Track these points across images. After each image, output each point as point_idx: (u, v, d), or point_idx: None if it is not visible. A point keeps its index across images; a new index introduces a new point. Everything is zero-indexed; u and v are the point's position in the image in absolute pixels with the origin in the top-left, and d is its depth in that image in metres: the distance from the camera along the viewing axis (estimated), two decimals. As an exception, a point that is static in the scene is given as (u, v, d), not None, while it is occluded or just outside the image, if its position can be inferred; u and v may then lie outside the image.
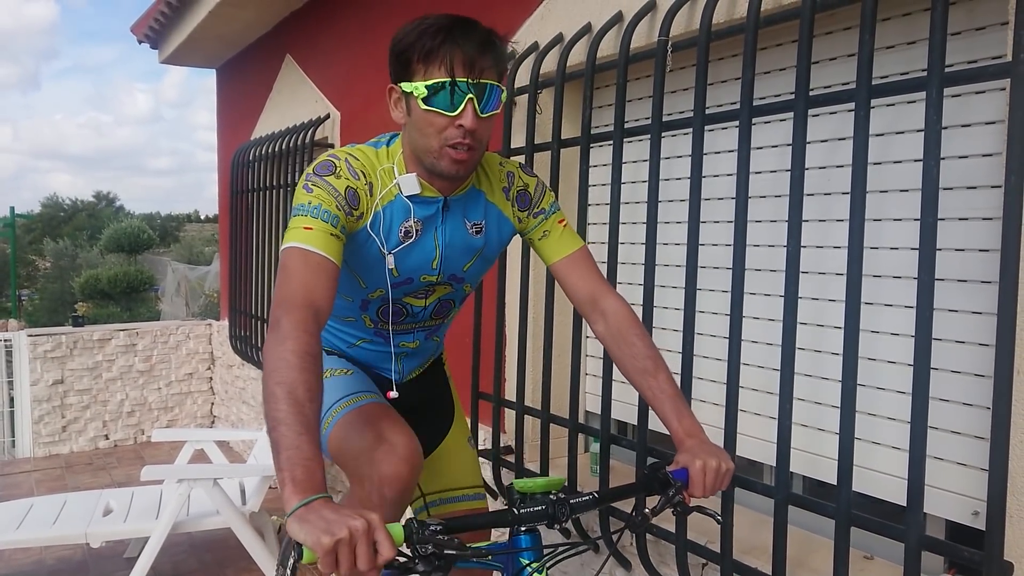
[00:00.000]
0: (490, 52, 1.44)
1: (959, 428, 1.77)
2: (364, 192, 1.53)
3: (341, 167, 1.51)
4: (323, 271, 1.38)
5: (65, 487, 5.22)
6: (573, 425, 2.47)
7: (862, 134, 1.66)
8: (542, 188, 1.74)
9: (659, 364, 1.55)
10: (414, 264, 1.63)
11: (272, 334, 1.27)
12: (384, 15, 3.94)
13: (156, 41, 6.25)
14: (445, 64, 1.41)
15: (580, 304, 1.68)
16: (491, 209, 1.69)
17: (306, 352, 1.24)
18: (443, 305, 1.77)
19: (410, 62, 1.44)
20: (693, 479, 1.37)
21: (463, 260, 1.68)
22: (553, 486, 1.29)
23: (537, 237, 1.72)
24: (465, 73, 1.41)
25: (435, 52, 1.41)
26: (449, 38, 1.40)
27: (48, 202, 35.02)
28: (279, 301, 1.33)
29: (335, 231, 1.43)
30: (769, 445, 2.15)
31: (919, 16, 1.86)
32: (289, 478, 1.09)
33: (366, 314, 1.74)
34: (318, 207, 1.44)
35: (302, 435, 1.14)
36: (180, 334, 6.62)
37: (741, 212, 1.93)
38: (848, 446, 1.69)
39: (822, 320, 2.06)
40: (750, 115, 1.93)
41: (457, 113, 1.43)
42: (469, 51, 1.41)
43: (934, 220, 1.54)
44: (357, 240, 1.56)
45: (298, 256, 1.39)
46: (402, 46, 1.45)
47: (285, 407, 1.16)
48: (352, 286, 1.68)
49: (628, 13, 2.36)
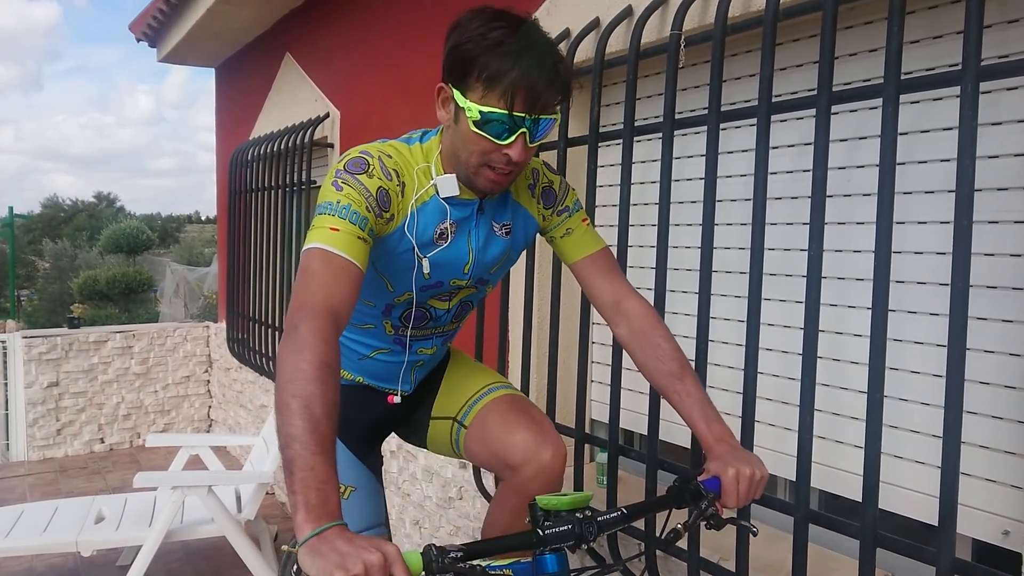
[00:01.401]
0: (556, 85, 1.34)
1: (988, 442, 1.69)
2: (396, 193, 1.44)
3: (374, 165, 1.42)
4: (346, 276, 1.29)
5: (59, 492, 5.14)
6: (579, 435, 2.38)
7: (890, 131, 1.57)
8: (565, 186, 1.69)
9: (685, 367, 1.50)
10: (447, 267, 1.56)
11: (289, 340, 1.19)
12: (385, 12, 3.86)
13: (154, 39, 6.18)
14: (506, 97, 1.31)
15: (602, 306, 1.62)
16: (518, 209, 1.63)
17: (324, 363, 1.15)
18: (464, 307, 1.71)
19: (469, 75, 1.33)
20: (726, 489, 1.31)
21: (492, 263, 1.62)
22: (579, 503, 1.20)
23: (559, 235, 1.66)
24: (525, 107, 1.32)
25: (499, 79, 1.30)
26: (517, 67, 1.29)
27: (48, 203, 35.00)
28: (298, 305, 1.24)
29: (363, 234, 1.34)
30: (784, 458, 2.06)
31: (945, 9, 1.77)
32: (302, 503, 1.01)
33: (388, 319, 1.65)
34: (347, 207, 1.34)
35: (317, 455, 1.06)
36: (177, 336, 6.53)
37: (759, 214, 1.85)
38: (874, 461, 1.60)
39: (841, 327, 1.97)
40: (769, 112, 1.84)
41: (507, 143, 1.35)
42: (535, 86, 1.31)
43: (969, 223, 1.45)
44: (388, 243, 1.48)
45: (321, 258, 1.30)
46: (464, 54, 1.33)
47: (300, 423, 1.09)
48: (378, 290, 1.59)
49: (638, 7, 2.28)
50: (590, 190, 2.38)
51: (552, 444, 1.67)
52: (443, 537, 3.28)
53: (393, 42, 3.80)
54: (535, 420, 1.71)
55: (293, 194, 4.54)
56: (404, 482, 3.62)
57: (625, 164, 2.24)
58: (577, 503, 1.19)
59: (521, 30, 1.33)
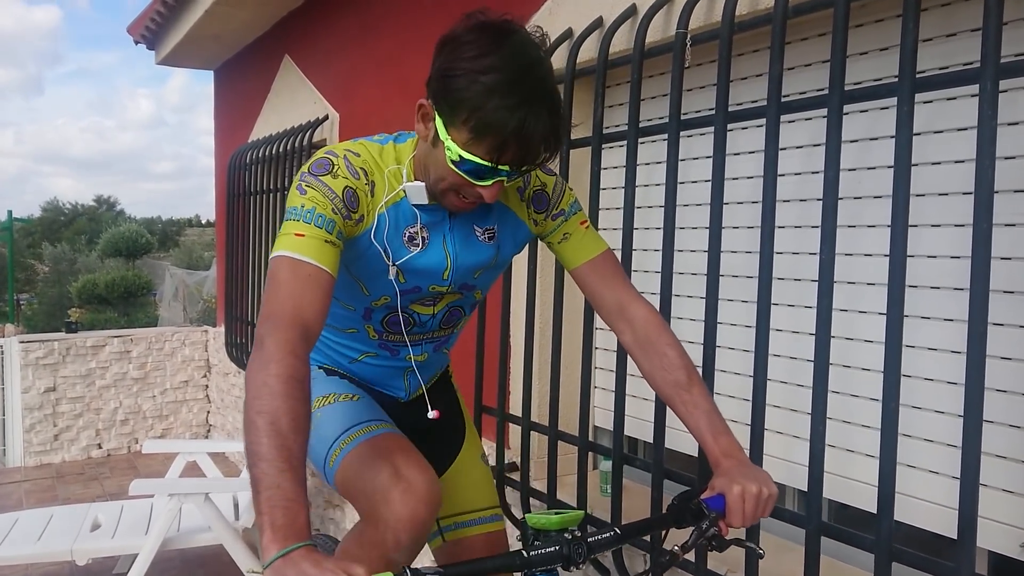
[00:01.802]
0: (550, 143, 1.27)
1: (1005, 452, 1.64)
2: (364, 192, 1.38)
3: (339, 165, 1.36)
4: (315, 283, 1.25)
5: (55, 498, 5.09)
6: (583, 443, 2.33)
7: (905, 131, 1.52)
8: (561, 187, 1.59)
9: (693, 376, 1.43)
10: (423, 273, 1.49)
11: (255, 355, 1.14)
12: (384, 13, 3.82)
13: (153, 42, 6.14)
14: (493, 153, 1.24)
15: (605, 312, 1.55)
16: (504, 213, 1.55)
17: (291, 377, 1.11)
18: (453, 313, 1.63)
19: (457, 111, 1.24)
20: (731, 507, 1.24)
21: (475, 268, 1.55)
22: (569, 523, 1.15)
23: (556, 240, 1.58)
24: (511, 163, 1.26)
25: (489, 131, 1.22)
26: (511, 123, 1.20)
27: (48, 206, 35.00)
28: (264, 317, 1.20)
29: (330, 237, 1.29)
30: (793, 466, 2.01)
31: (959, 6, 1.73)
32: (268, 523, 0.97)
33: (370, 324, 1.59)
34: (311, 211, 1.29)
35: (284, 472, 1.01)
36: (175, 341, 6.49)
37: (768, 217, 1.80)
38: (889, 473, 1.55)
39: (851, 333, 1.92)
40: (778, 112, 1.79)
41: (483, 185, 1.30)
42: (527, 149, 1.24)
43: (989, 226, 1.40)
44: (359, 245, 1.42)
45: (287, 266, 1.25)
46: (452, 89, 1.23)
47: (267, 440, 1.04)
48: (354, 293, 1.53)
49: (643, 6, 2.23)
50: (593, 193, 2.33)
51: None
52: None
53: (393, 43, 3.76)
54: None
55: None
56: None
57: (630, 166, 2.19)
58: (567, 522, 1.14)
59: (517, 73, 1.22)
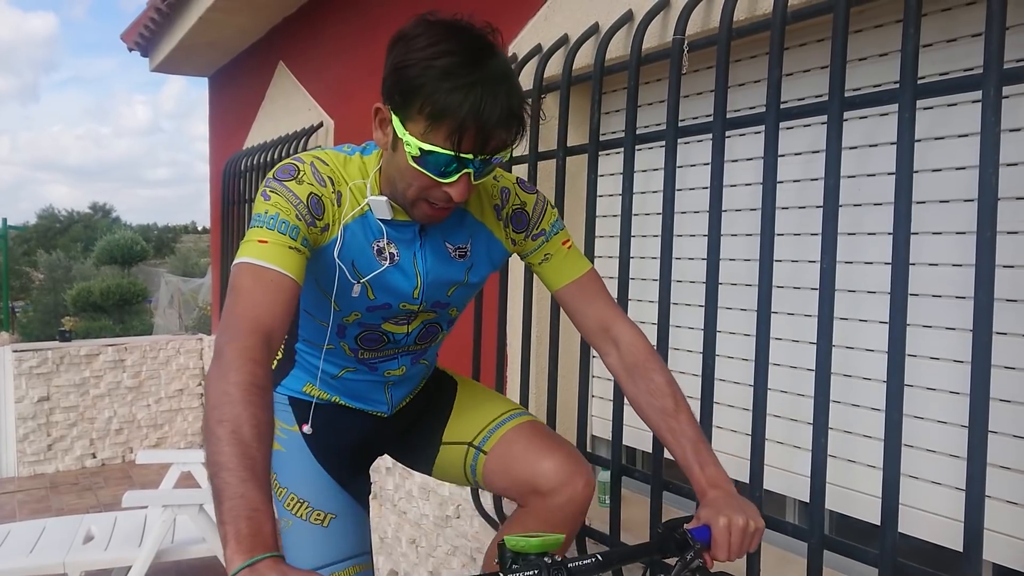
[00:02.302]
0: (511, 128, 1.23)
1: (1011, 463, 1.61)
2: (331, 201, 1.34)
3: (304, 171, 1.32)
4: (278, 289, 1.21)
5: (49, 509, 5.04)
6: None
7: (907, 138, 1.50)
8: (542, 206, 1.53)
9: (680, 403, 1.40)
10: (392, 290, 1.45)
11: (214, 364, 1.11)
12: (380, 19, 3.80)
13: (147, 49, 6.12)
14: (453, 138, 1.19)
15: (588, 334, 1.52)
16: (479, 230, 1.49)
17: (251, 384, 1.07)
18: (429, 329, 1.58)
19: (411, 103, 1.20)
20: (716, 540, 1.21)
21: (447, 286, 1.50)
22: (550, 546, 1.10)
23: (537, 261, 1.53)
24: (473, 150, 1.21)
25: (444, 117, 1.17)
26: (467, 104, 1.16)
27: (44, 213, 34.93)
28: (224, 326, 1.16)
29: (295, 244, 1.25)
30: (794, 477, 1.99)
31: (960, 11, 1.71)
32: (232, 533, 0.93)
33: (343, 341, 1.55)
34: (275, 217, 1.25)
35: (247, 481, 0.98)
36: (170, 349, 6.45)
37: (767, 224, 1.77)
38: (893, 484, 1.53)
39: (852, 342, 1.90)
40: (777, 119, 1.77)
41: (449, 182, 1.24)
42: (485, 128, 1.19)
43: (993, 234, 1.38)
44: (326, 257, 1.38)
45: (249, 273, 1.21)
46: (405, 78, 1.20)
47: (228, 449, 1.00)
48: (324, 309, 1.48)
49: (639, 11, 2.21)
50: (590, 200, 2.31)
51: (584, 473, 1.58)
52: (440, 557, 3.20)
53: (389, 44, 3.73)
54: (566, 448, 1.62)
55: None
56: (400, 500, 3.53)
57: (627, 173, 2.17)
58: (547, 546, 1.09)
59: (472, 55, 1.19)
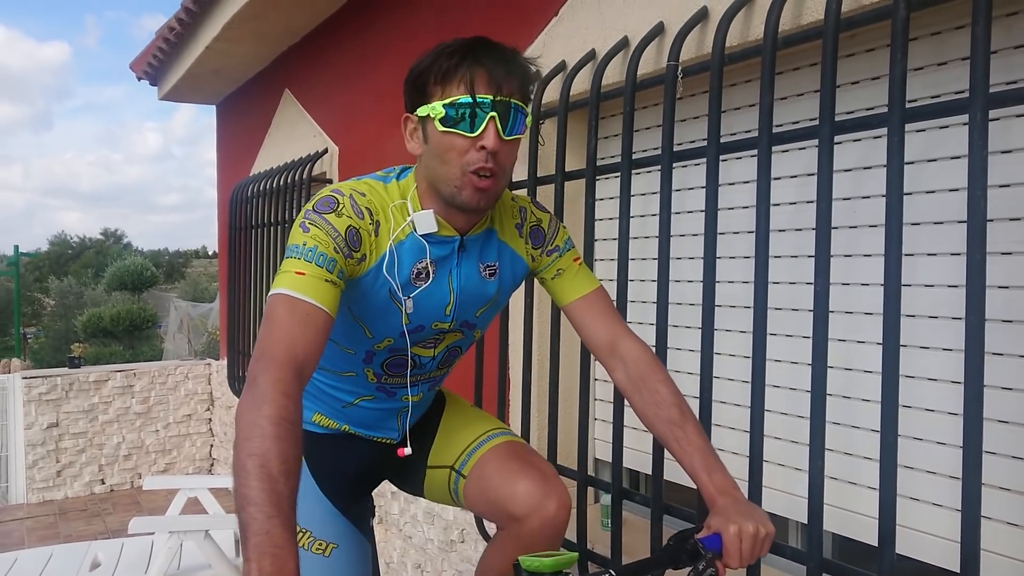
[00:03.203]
0: (514, 71, 1.34)
1: (1009, 484, 1.61)
2: (368, 232, 1.38)
3: (344, 204, 1.36)
4: (312, 322, 1.23)
5: (57, 536, 5.05)
6: (581, 478, 2.30)
7: (896, 161, 1.51)
8: (555, 224, 1.61)
9: (686, 413, 1.41)
10: (427, 310, 1.48)
11: (248, 393, 1.12)
12: (382, 48, 3.85)
13: (155, 78, 6.20)
14: (465, 82, 1.30)
15: (597, 349, 1.54)
16: (504, 249, 1.55)
17: (283, 418, 1.09)
18: (451, 353, 1.62)
19: (427, 85, 1.34)
20: (727, 547, 1.22)
21: (477, 305, 1.54)
22: (563, 565, 1.12)
23: (550, 276, 1.59)
24: (487, 91, 1.30)
25: (454, 71, 1.31)
26: (470, 55, 1.31)
27: (56, 240, 35.22)
28: (259, 355, 1.18)
29: (331, 276, 1.28)
30: (794, 499, 1.98)
31: (949, 35, 1.72)
32: (256, 570, 0.94)
33: (370, 367, 1.57)
34: (313, 249, 1.28)
35: (273, 518, 0.99)
36: (178, 374, 6.47)
37: (762, 247, 1.78)
38: (890, 506, 1.53)
39: (851, 363, 1.90)
40: (770, 143, 1.78)
41: (478, 133, 1.30)
42: (491, 68, 1.31)
43: (982, 257, 1.38)
44: (362, 285, 1.40)
45: (285, 304, 1.23)
46: (418, 71, 1.36)
47: (256, 484, 1.02)
48: (356, 337, 1.51)
49: (634, 38, 2.24)
50: (588, 224, 2.33)
51: (557, 495, 1.58)
52: (445, 581, 3.19)
53: (390, 77, 3.77)
54: (538, 469, 1.62)
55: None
56: (405, 524, 3.53)
57: (624, 197, 2.19)
58: (561, 565, 1.11)
59: (471, 37, 1.35)
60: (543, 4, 2.65)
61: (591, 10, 2.43)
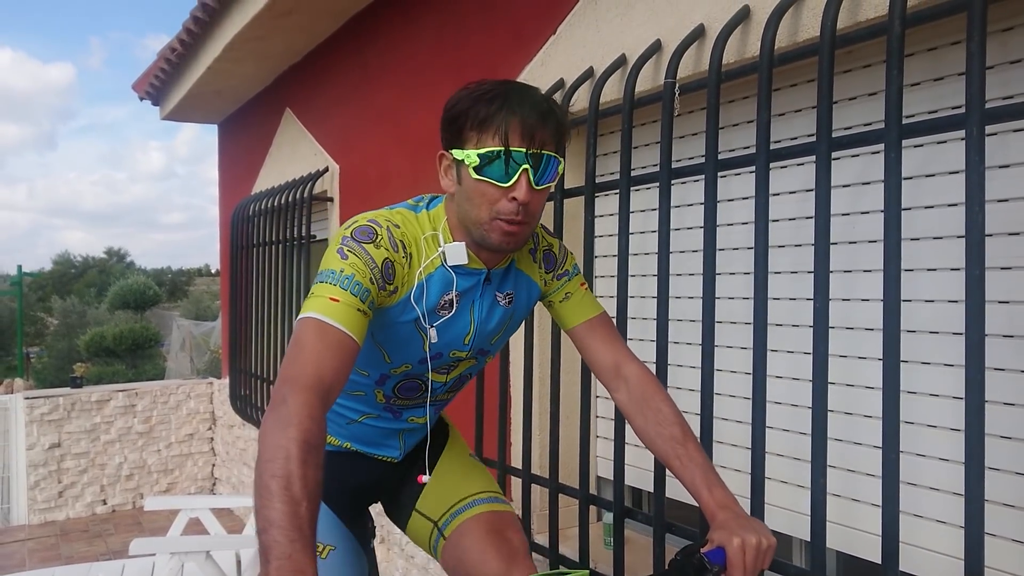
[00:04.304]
0: (549, 121, 1.35)
1: (1013, 501, 1.60)
2: (402, 265, 1.40)
3: (382, 236, 1.37)
4: (341, 349, 1.23)
5: (59, 557, 5.03)
6: (584, 496, 2.29)
7: (894, 177, 1.51)
8: (564, 249, 1.66)
9: (687, 432, 1.44)
10: (448, 339, 1.51)
11: (273, 414, 1.12)
12: (382, 67, 3.87)
13: (157, 98, 6.23)
14: (500, 133, 1.31)
15: (601, 371, 1.57)
16: (520, 276, 1.58)
17: (307, 442, 1.09)
18: (462, 379, 1.65)
19: (463, 129, 1.35)
20: (732, 560, 1.23)
21: (493, 333, 1.57)
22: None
23: (559, 299, 1.62)
24: (521, 143, 1.32)
25: (490, 120, 1.32)
26: (506, 105, 1.32)
27: (59, 259, 35.31)
28: (286, 377, 1.17)
29: (363, 306, 1.28)
30: (797, 516, 1.97)
31: (946, 50, 1.73)
32: None
33: (381, 389, 1.59)
34: (350, 277, 1.29)
35: (295, 542, 0.99)
36: (180, 394, 6.47)
37: (761, 263, 1.78)
38: (892, 524, 1.51)
39: (852, 379, 1.90)
40: (767, 159, 1.78)
41: (510, 184, 1.32)
42: (527, 120, 1.32)
43: (981, 272, 1.38)
44: (390, 314, 1.43)
45: (315, 329, 1.23)
46: (455, 112, 1.37)
47: (279, 507, 1.02)
48: (374, 361, 1.53)
49: (632, 55, 2.25)
50: (588, 241, 2.33)
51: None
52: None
53: (391, 96, 3.79)
54: (510, 548, 1.63)
55: (294, 249, 4.50)
56: (407, 544, 3.51)
57: (623, 214, 2.19)
58: None
59: (506, 82, 1.37)
60: (541, 22, 2.66)
61: (589, 28, 2.44)
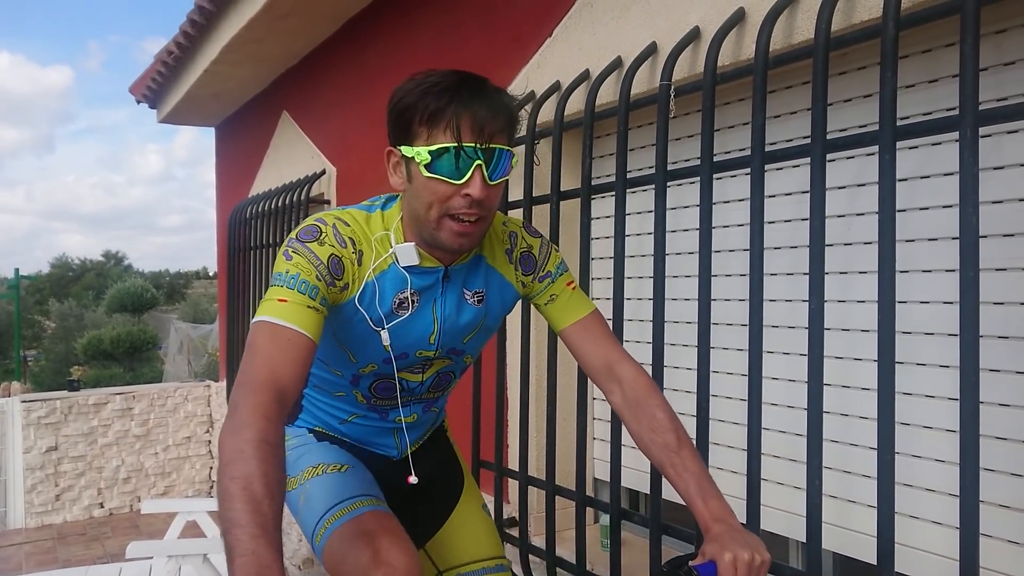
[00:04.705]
0: (501, 114, 1.31)
1: (1009, 502, 1.60)
2: (351, 261, 1.38)
3: (326, 233, 1.37)
4: (293, 348, 1.23)
5: (56, 560, 5.02)
6: (580, 498, 2.29)
7: (888, 179, 1.51)
8: (547, 249, 1.59)
9: (683, 439, 1.40)
10: (410, 339, 1.48)
11: (228, 421, 1.13)
12: (380, 70, 3.87)
13: (154, 101, 6.23)
14: (451, 127, 1.27)
15: (593, 373, 1.53)
16: (492, 275, 1.54)
17: (263, 440, 1.09)
18: (442, 378, 1.62)
19: (411, 124, 1.31)
20: (722, 575, 1.20)
21: (463, 333, 1.54)
22: None
23: (543, 302, 1.57)
24: (473, 138, 1.28)
25: (440, 114, 1.28)
26: (456, 99, 1.27)
27: (57, 262, 35.26)
28: (239, 382, 1.19)
29: (314, 303, 1.28)
30: (793, 517, 1.97)
31: (940, 52, 1.73)
32: None
33: (358, 390, 1.58)
34: (295, 276, 1.29)
35: (258, 538, 0.99)
36: (178, 396, 6.46)
37: (756, 265, 1.78)
38: (888, 525, 1.52)
39: (847, 381, 1.90)
40: (763, 161, 1.79)
41: (463, 181, 1.29)
42: (478, 113, 1.28)
43: (975, 274, 1.38)
44: (345, 312, 1.42)
45: (267, 332, 1.24)
46: (403, 106, 1.32)
47: (240, 506, 1.02)
48: (341, 361, 1.52)
49: (628, 58, 2.25)
50: (584, 243, 2.33)
51: None
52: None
53: (388, 99, 3.79)
54: None
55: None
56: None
57: (619, 216, 2.19)
58: None
59: (451, 72, 1.32)
60: (538, 25, 2.67)
61: (585, 31, 2.44)
